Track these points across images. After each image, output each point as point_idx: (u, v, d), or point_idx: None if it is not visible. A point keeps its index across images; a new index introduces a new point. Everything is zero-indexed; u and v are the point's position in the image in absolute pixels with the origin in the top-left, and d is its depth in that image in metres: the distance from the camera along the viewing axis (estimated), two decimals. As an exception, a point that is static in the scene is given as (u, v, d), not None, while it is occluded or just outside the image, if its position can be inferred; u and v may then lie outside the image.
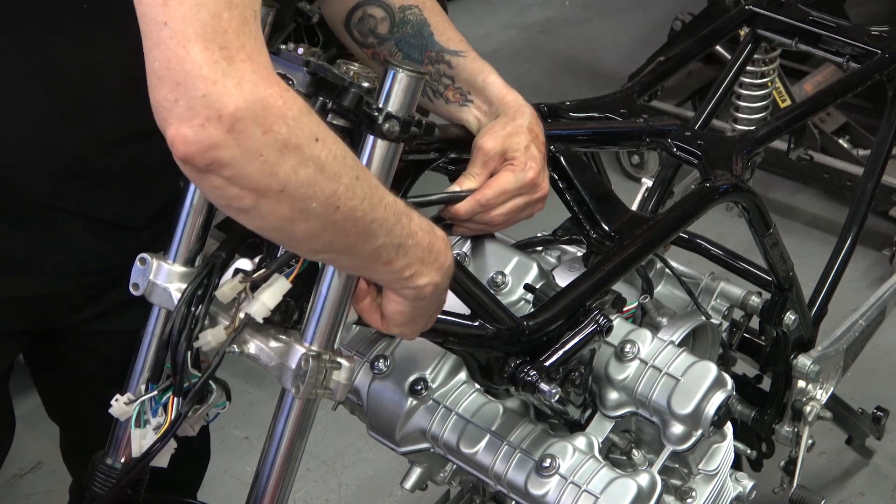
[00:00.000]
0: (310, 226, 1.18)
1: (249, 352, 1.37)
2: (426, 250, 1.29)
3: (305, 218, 1.17)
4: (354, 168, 1.20)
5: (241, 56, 1.10)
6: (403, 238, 1.26)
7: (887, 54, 2.33)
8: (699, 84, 3.86)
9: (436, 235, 1.31)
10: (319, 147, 1.15)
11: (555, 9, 4.96)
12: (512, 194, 1.57)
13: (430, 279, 1.31)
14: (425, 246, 1.29)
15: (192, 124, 1.08)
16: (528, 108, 1.63)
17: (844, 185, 3.47)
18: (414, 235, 1.27)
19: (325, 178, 1.16)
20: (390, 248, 1.25)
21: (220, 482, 2.74)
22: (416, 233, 1.28)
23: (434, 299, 1.35)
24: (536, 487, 1.60)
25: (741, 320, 2.11)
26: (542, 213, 1.67)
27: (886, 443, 2.80)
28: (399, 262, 1.27)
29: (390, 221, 1.24)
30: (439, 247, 1.32)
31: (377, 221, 1.22)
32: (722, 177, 1.86)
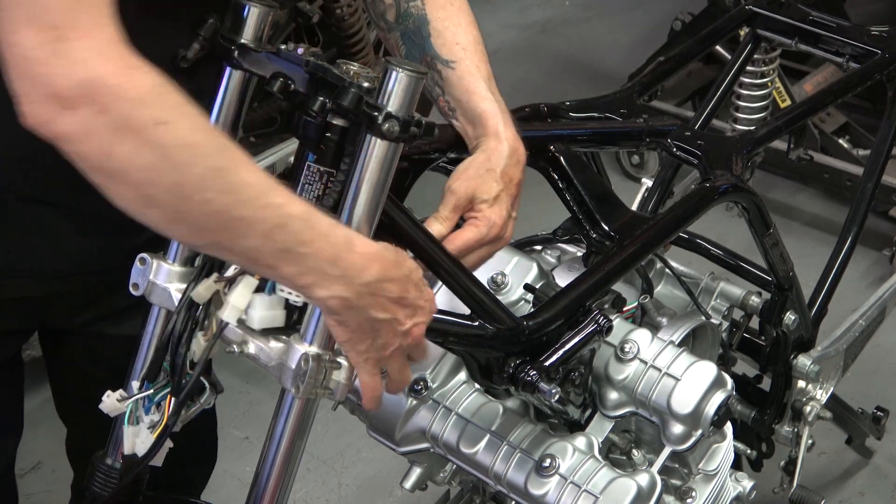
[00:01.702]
0: (160, 214, 1.15)
1: (249, 352, 1.37)
2: (328, 262, 1.23)
3: (152, 204, 1.14)
4: (218, 159, 1.15)
5: (73, 34, 1.08)
6: (292, 244, 1.20)
7: (887, 54, 2.33)
8: (699, 84, 3.85)
9: (351, 250, 1.25)
10: (163, 132, 1.11)
11: (555, 9, 4.96)
12: (474, 248, 1.56)
13: (331, 292, 1.24)
14: (327, 258, 1.23)
15: (31, 103, 1.10)
16: (507, 145, 1.57)
17: (844, 185, 3.47)
18: (311, 244, 1.21)
19: (169, 166, 1.12)
20: (271, 252, 1.20)
21: (220, 482, 2.74)
22: (315, 241, 1.22)
23: (358, 317, 1.28)
24: (536, 487, 1.60)
25: (741, 320, 2.11)
26: (543, 212, 1.67)
27: (886, 443, 2.80)
28: (287, 268, 1.22)
29: (269, 223, 1.18)
30: (352, 261, 1.25)
31: (245, 220, 1.17)
32: (722, 177, 1.86)
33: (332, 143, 1.33)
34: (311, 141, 1.35)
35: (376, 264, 1.27)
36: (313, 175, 1.36)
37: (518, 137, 1.59)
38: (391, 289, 1.29)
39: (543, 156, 1.76)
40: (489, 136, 1.58)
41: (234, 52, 1.39)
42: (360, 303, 1.27)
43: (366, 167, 1.31)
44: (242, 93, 1.43)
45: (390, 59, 1.30)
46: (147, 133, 1.10)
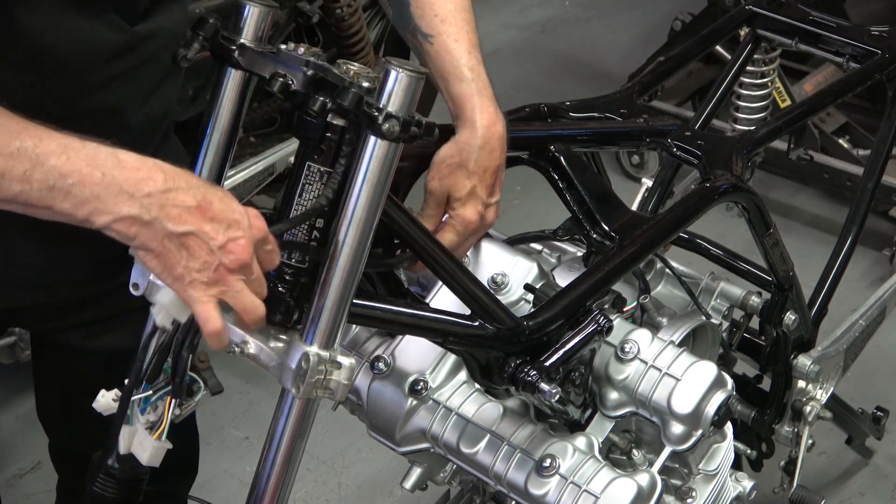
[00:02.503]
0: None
1: (249, 352, 1.37)
2: (100, 186, 1.20)
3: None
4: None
5: None
6: (55, 180, 1.19)
7: (887, 54, 2.33)
8: (699, 84, 3.85)
9: (121, 167, 1.21)
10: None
11: (555, 9, 4.96)
12: (457, 244, 1.57)
13: (114, 214, 1.21)
14: (98, 181, 1.20)
15: None
16: (479, 134, 1.56)
17: (844, 185, 3.47)
18: (76, 174, 1.20)
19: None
20: (38, 193, 1.20)
21: (220, 482, 2.74)
22: (79, 170, 1.20)
23: (155, 235, 1.23)
24: (536, 487, 1.60)
25: (741, 320, 2.11)
26: (543, 212, 1.67)
27: (886, 443, 2.80)
28: (61, 204, 1.20)
29: (23, 167, 1.18)
30: (126, 177, 1.21)
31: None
32: (722, 177, 1.86)
33: (332, 143, 1.33)
34: (312, 141, 1.35)
35: (157, 174, 1.23)
36: (313, 175, 1.36)
37: (496, 115, 1.58)
38: (183, 198, 1.23)
39: (543, 156, 1.77)
40: (464, 124, 1.58)
41: (234, 52, 1.39)
42: (149, 216, 1.22)
43: (366, 167, 1.31)
44: (242, 93, 1.43)
45: (390, 60, 1.30)
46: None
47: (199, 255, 1.24)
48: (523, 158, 1.78)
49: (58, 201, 1.20)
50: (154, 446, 1.43)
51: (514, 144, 1.77)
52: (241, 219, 1.26)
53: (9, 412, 2.79)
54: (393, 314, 1.49)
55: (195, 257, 1.24)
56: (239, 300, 1.28)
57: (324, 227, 1.36)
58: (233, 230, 1.25)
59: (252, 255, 1.26)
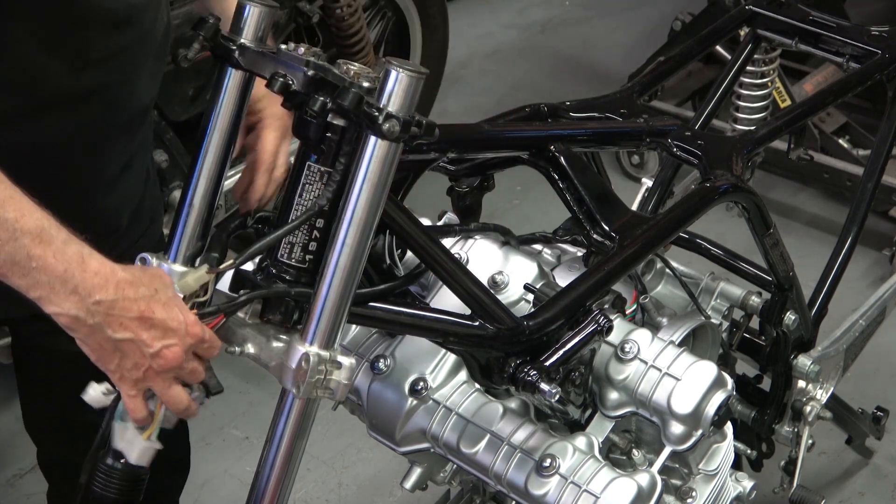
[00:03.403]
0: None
1: (249, 352, 1.37)
2: (58, 279, 1.26)
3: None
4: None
5: None
6: (21, 258, 1.24)
7: (887, 54, 2.33)
8: (699, 84, 3.85)
9: (84, 269, 1.27)
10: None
11: (555, 9, 4.96)
12: None
13: (62, 309, 1.27)
14: (57, 274, 1.26)
15: None
16: None
17: (844, 185, 3.47)
18: (41, 259, 1.25)
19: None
20: (2, 262, 1.24)
21: (220, 482, 2.74)
22: (45, 257, 1.25)
23: (95, 337, 1.29)
24: (536, 487, 1.60)
25: (741, 320, 2.11)
26: (542, 212, 1.67)
27: (886, 443, 2.80)
28: (17, 280, 1.26)
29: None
30: (83, 279, 1.26)
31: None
32: (722, 177, 1.86)
33: (332, 143, 1.33)
34: (312, 141, 1.35)
35: (111, 284, 1.28)
36: (314, 175, 1.36)
37: None
38: (129, 308, 1.29)
39: (543, 156, 1.76)
40: None
41: (234, 52, 1.39)
42: (93, 321, 1.28)
43: (366, 167, 1.31)
44: (242, 93, 1.43)
45: (390, 60, 1.30)
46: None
47: (134, 358, 1.31)
48: (523, 158, 1.78)
49: (15, 276, 1.25)
50: (143, 446, 1.43)
51: (514, 144, 1.77)
52: (178, 327, 1.31)
53: (9, 412, 2.79)
54: (393, 314, 1.49)
55: (129, 359, 1.31)
56: (164, 396, 1.35)
57: (324, 227, 1.36)
58: (168, 338, 1.30)
59: (182, 359, 1.32)
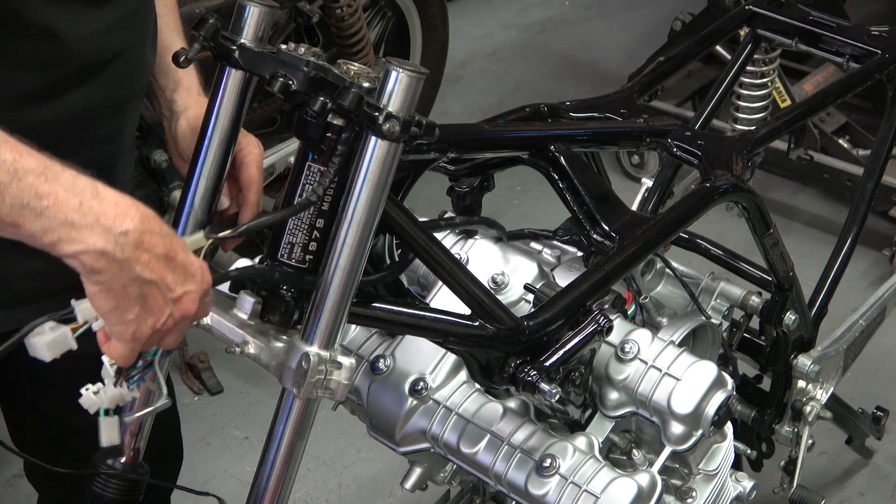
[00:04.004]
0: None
1: (249, 352, 1.37)
2: (74, 212, 1.15)
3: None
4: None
5: None
6: (28, 198, 1.14)
7: (887, 54, 2.33)
8: (699, 84, 3.86)
9: (100, 199, 1.17)
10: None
11: (555, 9, 4.96)
12: None
13: (85, 245, 1.15)
14: (74, 208, 1.15)
15: None
16: None
17: (844, 185, 3.47)
18: (51, 196, 1.15)
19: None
20: (9, 209, 1.14)
21: (220, 482, 2.74)
22: (55, 193, 1.15)
23: (122, 276, 1.18)
24: (536, 487, 1.60)
25: (741, 320, 2.11)
26: (542, 212, 1.67)
27: (886, 443, 2.80)
28: (30, 225, 1.15)
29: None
30: (103, 209, 1.16)
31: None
32: (722, 177, 1.86)
33: (332, 143, 1.33)
34: (312, 141, 1.35)
35: (134, 212, 1.18)
36: (314, 175, 1.36)
37: None
38: (156, 243, 1.19)
39: (543, 156, 1.76)
40: None
41: (234, 52, 1.39)
42: (122, 255, 1.17)
43: (366, 167, 1.31)
44: (242, 93, 1.43)
45: (390, 60, 1.30)
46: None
47: (156, 304, 1.22)
48: (523, 158, 1.78)
49: (28, 221, 1.15)
50: (102, 424, 1.37)
51: (514, 144, 1.77)
52: (197, 272, 1.24)
53: (9, 412, 2.79)
54: (393, 314, 1.49)
55: (150, 311, 1.21)
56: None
57: (324, 227, 1.36)
58: (189, 283, 1.23)
59: (195, 310, 1.25)
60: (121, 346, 1.23)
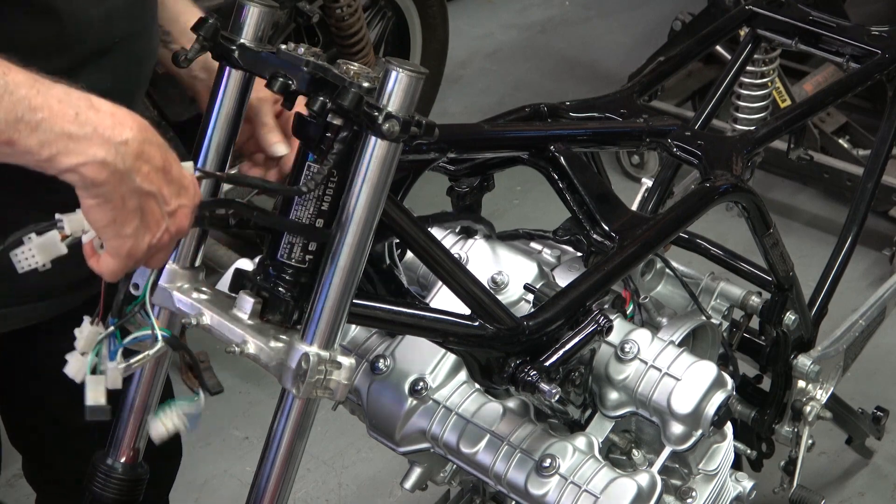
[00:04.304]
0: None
1: (249, 352, 1.37)
2: (74, 124, 1.12)
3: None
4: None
5: None
6: (23, 111, 1.11)
7: (887, 54, 2.33)
8: (699, 84, 3.86)
9: (96, 109, 1.14)
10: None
11: (555, 9, 4.96)
12: None
13: (85, 157, 1.12)
14: (71, 119, 1.12)
15: None
16: None
17: (844, 185, 3.47)
18: (46, 108, 1.12)
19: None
20: (2, 124, 1.10)
21: (220, 482, 2.75)
22: (49, 105, 1.12)
23: (123, 188, 1.15)
24: (536, 487, 1.60)
25: (741, 320, 2.11)
26: (542, 212, 1.67)
27: (886, 443, 2.80)
28: (26, 139, 1.11)
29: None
30: (100, 119, 1.14)
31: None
32: (722, 177, 1.86)
33: (332, 143, 1.33)
34: (311, 141, 1.35)
35: (131, 121, 1.16)
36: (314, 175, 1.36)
37: None
38: (154, 154, 1.17)
39: (543, 156, 1.76)
40: None
41: (234, 52, 1.39)
42: (124, 165, 1.14)
43: (366, 167, 1.31)
44: (242, 93, 1.43)
45: (390, 60, 1.29)
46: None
47: (153, 217, 1.18)
48: (523, 158, 1.78)
49: (23, 136, 1.11)
50: (88, 381, 1.31)
51: (514, 144, 1.77)
52: (190, 185, 1.22)
53: (9, 412, 2.79)
54: (393, 314, 1.49)
55: (147, 225, 1.18)
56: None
57: (324, 227, 1.36)
58: (183, 196, 1.21)
59: (188, 224, 1.23)
60: (113, 261, 1.19)
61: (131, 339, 1.34)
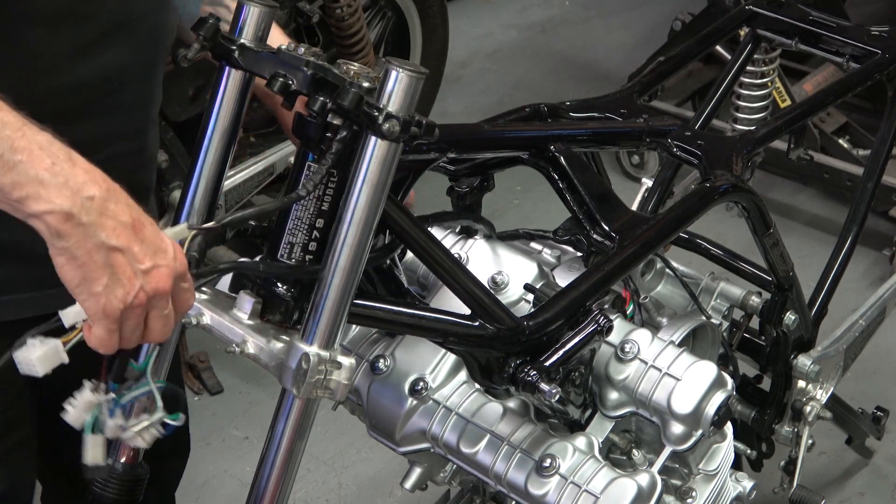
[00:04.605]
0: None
1: (249, 352, 1.37)
2: (47, 172, 1.16)
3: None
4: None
5: None
6: (4, 150, 1.15)
7: (887, 54, 2.33)
8: (699, 84, 3.86)
9: (72, 163, 1.18)
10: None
11: (555, 9, 4.96)
12: None
13: (51, 205, 1.16)
14: (46, 167, 1.16)
15: None
16: None
17: (844, 185, 3.47)
18: (26, 151, 1.16)
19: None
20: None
21: (220, 482, 2.75)
22: (30, 149, 1.16)
23: (87, 241, 1.18)
24: (536, 487, 1.60)
25: (741, 320, 2.11)
26: (542, 212, 1.67)
27: (886, 443, 2.80)
28: (2, 177, 1.16)
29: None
30: (73, 173, 1.18)
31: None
32: (722, 177, 1.86)
33: (331, 143, 1.33)
34: (311, 141, 1.35)
35: (102, 181, 1.20)
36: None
37: None
38: (121, 211, 1.20)
39: (543, 156, 1.76)
40: None
41: (234, 52, 1.39)
42: (87, 219, 1.17)
43: (366, 167, 1.31)
44: (242, 93, 1.43)
45: (390, 60, 1.29)
46: None
47: (124, 274, 1.20)
48: (523, 158, 1.78)
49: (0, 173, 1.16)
50: (87, 441, 1.33)
51: (514, 144, 1.77)
52: (168, 248, 1.23)
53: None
54: (393, 314, 1.49)
55: (118, 281, 1.20)
56: (132, 331, 1.23)
57: (324, 227, 1.36)
58: (159, 257, 1.22)
59: (171, 286, 1.23)
60: (97, 327, 1.21)
61: (129, 397, 1.34)
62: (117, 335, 1.22)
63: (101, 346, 1.22)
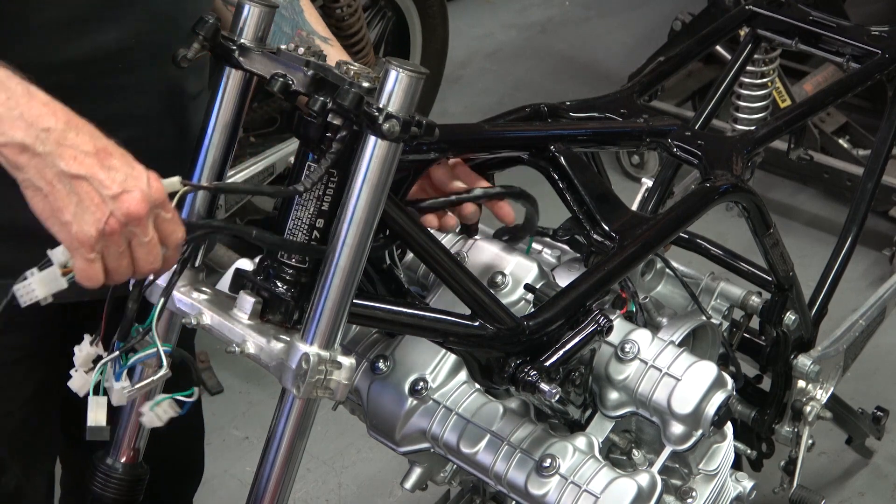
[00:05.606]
0: None
1: (249, 352, 1.37)
2: (3, 105, 1.18)
3: None
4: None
5: None
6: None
7: (887, 54, 2.33)
8: (699, 84, 3.86)
9: (30, 97, 1.20)
10: None
11: (555, 9, 4.97)
12: None
13: (7, 138, 1.17)
14: (1, 102, 1.18)
15: None
16: None
17: (844, 185, 3.47)
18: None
19: None
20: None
21: (220, 482, 2.75)
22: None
23: (46, 171, 1.18)
24: (536, 487, 1.60)
25: (741, 320, 2.11)
26: (542, 213, 1.67)
27: (886, 443, 2.80)
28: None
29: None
30: (31, 106, 1.19)
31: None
32: (722, 177, 1.86)
33: (331, 143, 1.33)
34: (312, 141, 1.35)
35: (62, 114, 1.20)
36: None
37: None
38: (83, 141, 1.19)
39: (543, 156, 1.76)
40: None
41: (234, 52, 1.39)
42: (42, 149, 1.17)
43: (366, 167, 1.31)
44: (242, 93, 1.43)
45: (390, 60, 1.29)
46: None
47: (90, 205, 1.19)
48: (523, 158, 1.78)
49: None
50: (90, 402, 1.33)
51: (514, 144, 1.77)
52: (141, 175, 1.21)
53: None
54: (393, 314, 1.49)
55: (86, 209, 1.19)
56: (117, 260, 1.22)
57: (324, 227, 1.36)
58: (129, 182, 1.20)
59: (147, 212, 1.21)
60: (75, 257, 1.20)
61: (136, 359, 1.35)
62: (99, 265, 1.21)
63: (84, 278, 1.21)
